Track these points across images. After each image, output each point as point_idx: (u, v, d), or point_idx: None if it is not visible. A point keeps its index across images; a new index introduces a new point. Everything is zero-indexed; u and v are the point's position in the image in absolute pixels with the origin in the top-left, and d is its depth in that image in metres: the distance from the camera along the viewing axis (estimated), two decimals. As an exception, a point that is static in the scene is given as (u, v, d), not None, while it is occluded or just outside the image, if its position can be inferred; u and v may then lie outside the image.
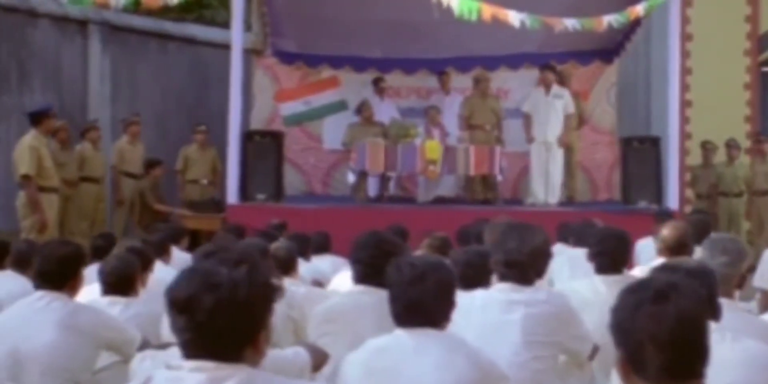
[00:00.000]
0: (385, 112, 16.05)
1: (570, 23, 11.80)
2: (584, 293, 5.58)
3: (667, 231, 6.51)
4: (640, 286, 2.79)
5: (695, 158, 16.38)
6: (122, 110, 16.30)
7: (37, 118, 11.14)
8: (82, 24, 16.21)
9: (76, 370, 5.16)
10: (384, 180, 15.06)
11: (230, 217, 13.42)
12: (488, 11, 11.13)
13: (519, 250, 4.82)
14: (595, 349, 5.06)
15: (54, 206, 11.14)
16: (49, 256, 5.24)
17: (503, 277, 4.88)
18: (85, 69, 16.23)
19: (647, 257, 8.87)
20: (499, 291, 4.89)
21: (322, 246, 10.15)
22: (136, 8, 11.73)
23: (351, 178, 14.62)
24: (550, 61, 15.91)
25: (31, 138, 11.04)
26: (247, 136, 14.19)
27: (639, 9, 12.54)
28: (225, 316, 2.72)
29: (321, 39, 16.01)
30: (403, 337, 4.00)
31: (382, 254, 5.15)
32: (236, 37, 13.89)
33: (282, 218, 12.15)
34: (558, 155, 14.65)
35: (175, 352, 3.99)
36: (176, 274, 2.83)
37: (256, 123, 16.28)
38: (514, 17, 11.30)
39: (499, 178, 14.48)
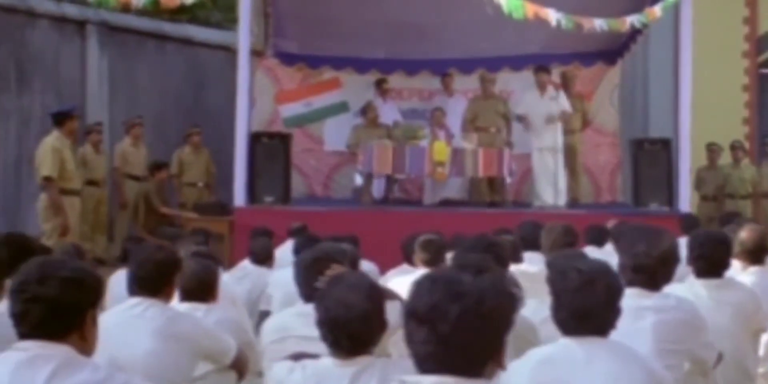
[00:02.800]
0: (387, 113, 15.91)
1: (598, 23, 11.76)
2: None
3: (745, 234, 6.38)
4: None
5: (698, 160, 16.31)
6: (120, 112, 16.08)
7: (59, 119, 10.88)
8: (80, 24, 15.99)
9: (176, 380, 4.98)
10: (390, 182, 14.91)
11: (238, 219, 13.24)
12: (531, 9, 11.06)
13: (648, 253, 4.66)
14: (719, 357, 4.92)
15: (76, 209, 10.90)
16: (145, 261, 5.03)
17: (630, 282, 4.69)
18: (83, 70, 16.01)
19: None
20: (627, 296, 4.70)
21: (353, 249, 9.97)
22: (155, 8, 11.51)
23: (358, 180, 14.42)
24: (552, 63, 15.87)
25: (53, 139, 10.79)
26: (255, 138, 13.97)
27: (656, 9, 12.49)
28: (470, 328, 2.55)
29: (323, 40, 15.85)
30: (571, 346, 3.83)
31: (493, 259, 5.01)
32: (243, 38, 13.76)
33: (291, 221, 11.97)
34: (560, 158, 14.56)
35: (327, 363, 3.84)
36: (414, 283, 2.65)
37: (257, 125, 16.04)
38: (552, 16, 11.24)
39: (508, 180, 14.36)
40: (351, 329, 3.75)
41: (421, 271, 7.45)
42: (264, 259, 9.08)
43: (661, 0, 12.86)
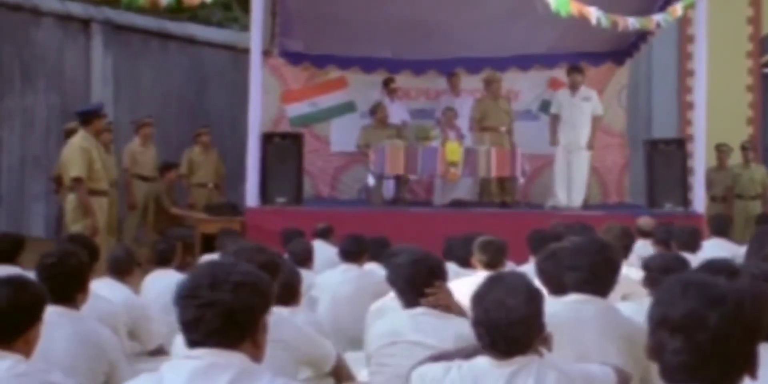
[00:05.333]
0: (395, 113, 15.76)
1: (630, 22, 11.73)
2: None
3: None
4: None
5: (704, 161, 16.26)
6: (124, 111, 15.89)
7: (86, 118, 10.61)
8: (85, 23, 15.79)
9: (279, 387, 4.81)
10: (400, 183, 14.78)
11: (250, 220, 13.06)
12: (576, 7, 11.00)
13: (780, 255, 4.53)
14: None
15: (104, 210, 10.65)
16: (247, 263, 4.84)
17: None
18: (87, 69, 15.84)
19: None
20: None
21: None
22: (179, 7, 11.33)
23: (371, 180, 14.25)
24: (560, 62, 15.81)
25: (80, 139, 10.52)
26: (267, 138, 13.76)
27: (678, 8, 12.45)
28: (729, 336, 2.41)
29: (329, 39, 15.72)
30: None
31: (604, 261, 4.88)
32: (255, 38, 13.51)
33: (304, 222, 11.83)
34: (583, 158, 14.45)
35: (483, 363, 3.71)
36: (662, 288, 2.51)
37: (262, 125, 15.86)
38: (593, 15, 11.18)
39: (521, 180, 14.26)
40: (509, 332, 3.65)
41: (481, 274, 7.31)
42: (304, 260, 8.90)
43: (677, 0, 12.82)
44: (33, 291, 4.16)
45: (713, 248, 9.33)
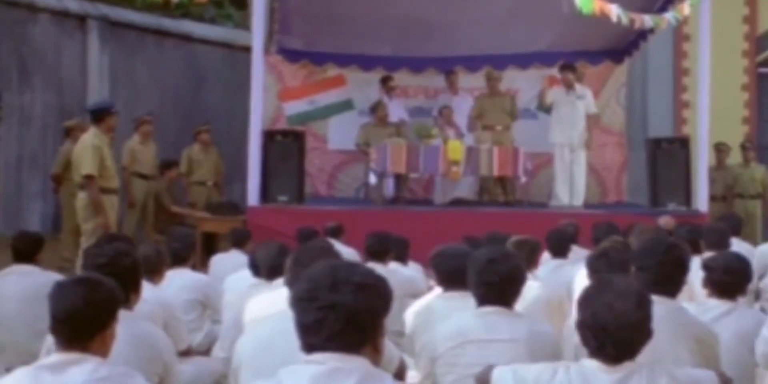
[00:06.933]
0: (393, 111, 15.66)
1: (646, 20, 11.71)
2: None
3: None
4: None
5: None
6: (120, 108, 15.66)
7: (98, 116, 10.44)
8: (81, 19, 15.64)
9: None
10: (401, 181, 14.68)
11: (251, 219, 12.92)
12: (598, 5, 10.96)
13: None
14: None
15: (115, 208, 10.48)
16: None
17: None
18: (84, 66, 15.67)
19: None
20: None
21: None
22: (190, 2, 11.19)
23: (372, 178, 14.15)
24: (559, 61, 15.70)
25: (92, 136, 10.34)
26: (268, 136, 13.61)
27: (685, 6, 12.43)
28: None
29: (328, 37, 15.64)
30: None
31: (672, 261, 4.82)
32: (257, 36, 13.43)
33: (306, 221, 11.73)
34: (582, 157, 14.39)
35: (592, 366, 3.64)
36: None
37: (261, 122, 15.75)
38: (614, 12, 11.15)
39: (523, 179, 14.17)
40: (618, 337, 3.58)
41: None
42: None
43: (682, -1, 12.81)
44: (108, 290, 4.07)
45: (733, 248, 9.27)
